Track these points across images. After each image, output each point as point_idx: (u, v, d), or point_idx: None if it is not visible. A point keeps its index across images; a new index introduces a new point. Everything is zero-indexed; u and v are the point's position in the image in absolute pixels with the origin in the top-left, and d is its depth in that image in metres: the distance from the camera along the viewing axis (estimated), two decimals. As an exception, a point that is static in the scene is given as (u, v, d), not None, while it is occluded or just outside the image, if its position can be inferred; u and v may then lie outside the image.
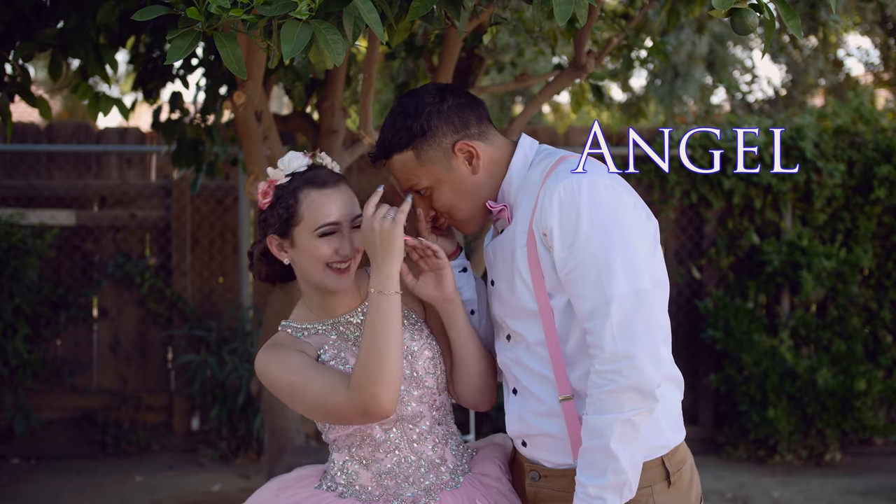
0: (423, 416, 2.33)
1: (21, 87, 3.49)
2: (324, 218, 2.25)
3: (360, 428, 2.28)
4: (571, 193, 2.10)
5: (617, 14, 4.70)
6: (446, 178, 2.25)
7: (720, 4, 2.10)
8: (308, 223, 2.25)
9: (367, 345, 2.17)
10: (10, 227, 6.22)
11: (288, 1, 1.98)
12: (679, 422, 2.26)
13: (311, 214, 2.25)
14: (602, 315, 2.05)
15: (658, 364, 2.07)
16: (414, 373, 2.32)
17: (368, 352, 2.16)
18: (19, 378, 6.31)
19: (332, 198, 2.26)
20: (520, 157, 2.28)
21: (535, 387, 2.22)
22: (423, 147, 2.23)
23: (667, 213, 6.72)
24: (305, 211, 2.25)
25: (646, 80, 10.82)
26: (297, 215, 2.26)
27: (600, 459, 2.06)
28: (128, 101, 11.51)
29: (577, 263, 2.08)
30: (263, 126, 3.78)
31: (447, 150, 2.24)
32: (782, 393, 6.30)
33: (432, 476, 2.34)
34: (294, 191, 2.26)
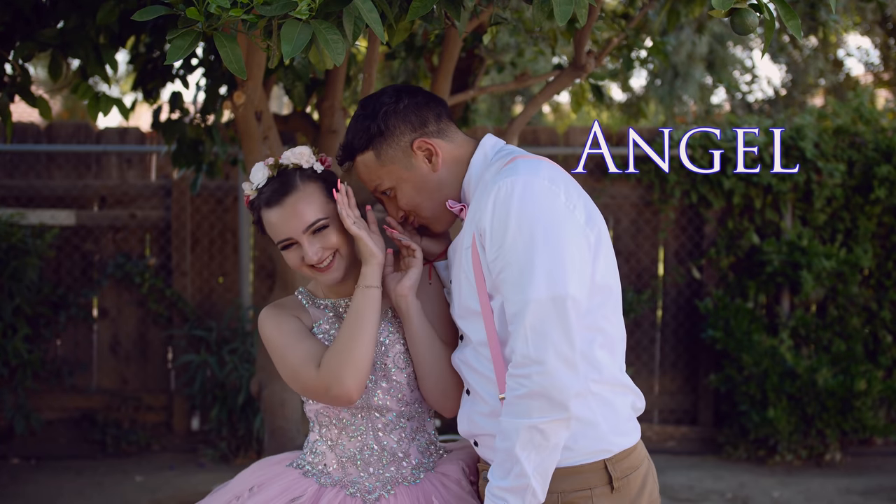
0: (389, 408, 2.40)
1: (21, 87, 3.50)
2: (276, 236, 2.35)
3: (329, 407, 2.38)
4: (505, 194, 2.06)
5: (617, 14, 4.70)
6: (407, 176, 2.26)
7: (720, 4, 2.10)
8: (273, 239, 2.37)
9: (342, 331, 2.30)
10: (10, 227, 6.22)
11: (288, 1, 1.98)
12: (629, 427, 2.22)
13: (271, 232, 2.36)
14: (519, 319, 2.03)
15: (575, 372, 2.02)
16: (383, 365, 2.40)
17: (341, 337, 2.30)
18: (19, 378, 6.31)
19: (280, 216, 2.33)
20: (479, 156, 2.27)
21: (481, 387, 2.23)
22: (382, 147, 2.25)
23: (667, 213, 6.72)
24: (268, 228, 2.37)
25: (646, 80, 10.83)
26: (264, 230, 2.39)
27: (505, 461, 2.07)
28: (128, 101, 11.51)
29: (504, 265, 2.06)
30: (263, 126, 3.78)
31: (406, 149, 2.25)
32: (782, 393, 6.30)
33: (393, 469, 2.40)
34: (256, 209, 2.38)
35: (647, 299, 6.75)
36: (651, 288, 6.81)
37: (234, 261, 6.70)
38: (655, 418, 6.90)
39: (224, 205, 6.71)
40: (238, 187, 6.53)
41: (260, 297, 6.66)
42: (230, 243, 6.72)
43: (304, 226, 2.30)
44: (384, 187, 2.29)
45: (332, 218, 2.32)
